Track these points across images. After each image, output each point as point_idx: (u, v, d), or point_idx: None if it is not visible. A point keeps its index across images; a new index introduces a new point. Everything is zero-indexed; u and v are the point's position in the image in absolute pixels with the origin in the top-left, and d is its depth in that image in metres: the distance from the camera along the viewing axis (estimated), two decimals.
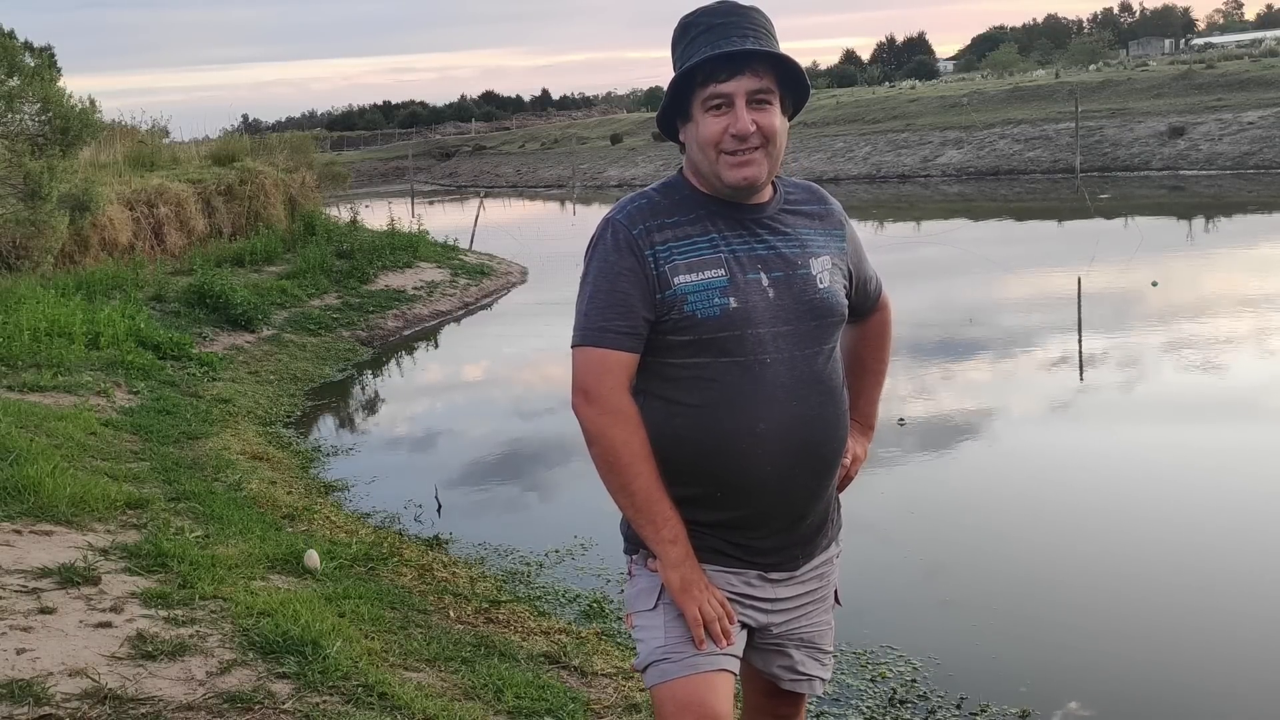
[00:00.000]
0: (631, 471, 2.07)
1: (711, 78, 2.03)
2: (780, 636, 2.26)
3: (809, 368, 2.12)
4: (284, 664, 3.78)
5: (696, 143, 2.08)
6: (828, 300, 2.15)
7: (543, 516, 7.15)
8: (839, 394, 2.19)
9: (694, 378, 2.08)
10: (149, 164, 17.78)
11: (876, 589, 5.33)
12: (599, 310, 2.08)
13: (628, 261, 2.07)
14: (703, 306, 2.04)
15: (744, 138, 2.03)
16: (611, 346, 2.07)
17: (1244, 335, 10.71)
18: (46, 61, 12.17)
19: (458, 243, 19.94)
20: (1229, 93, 33.46)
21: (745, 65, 2.02)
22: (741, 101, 2.02)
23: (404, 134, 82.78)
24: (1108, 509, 6.38)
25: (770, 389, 2.07)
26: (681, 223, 2.10)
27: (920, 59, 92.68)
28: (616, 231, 2.10)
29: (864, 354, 2.42)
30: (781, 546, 2.18)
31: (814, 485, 2.17)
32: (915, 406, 8.88)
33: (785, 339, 2.09)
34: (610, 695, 4.16)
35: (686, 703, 2.06)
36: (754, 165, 2.06)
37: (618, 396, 2.06)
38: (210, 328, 11.98)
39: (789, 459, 2.09)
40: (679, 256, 2.07)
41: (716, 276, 2.06)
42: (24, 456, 5.84)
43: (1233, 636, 4.82)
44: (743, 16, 2.07)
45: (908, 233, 22.37)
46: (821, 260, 2.17)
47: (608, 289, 2.08)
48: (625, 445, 2.06)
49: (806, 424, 2.10)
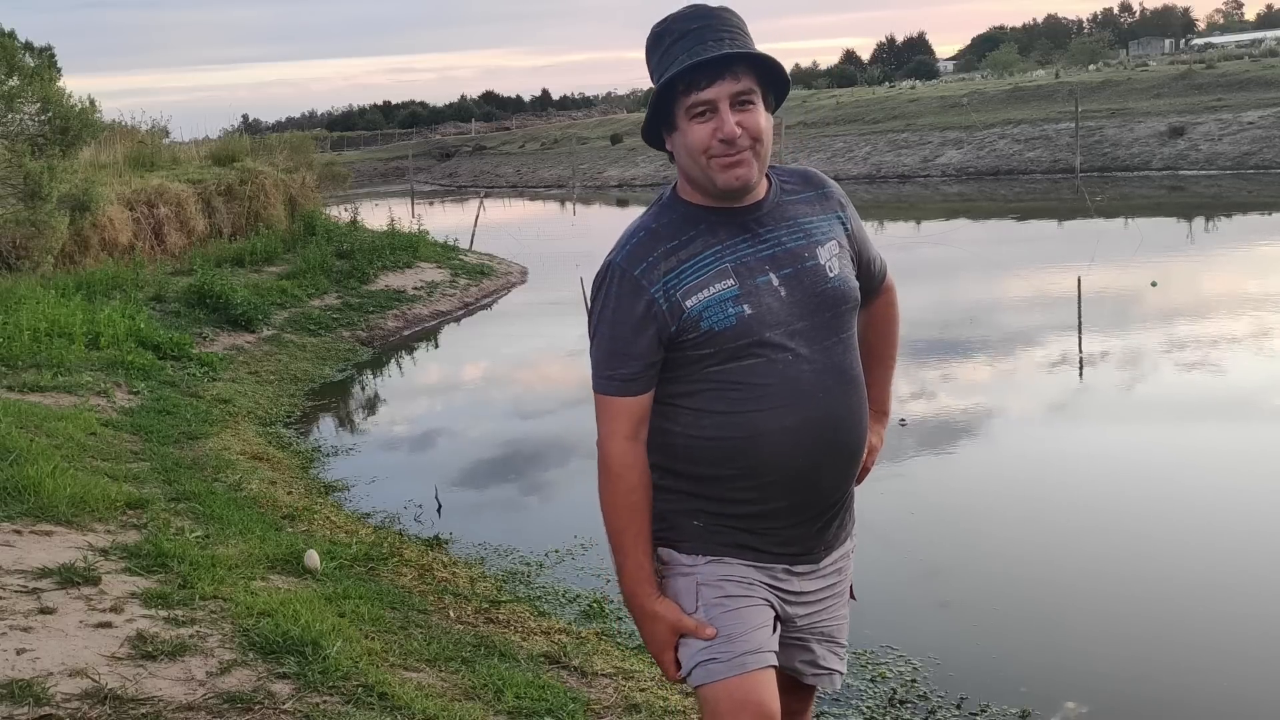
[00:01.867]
0: (607, 515, 2.17)
1: (693, 86, 2.02)
2: (803, 630, 2.28)
3: (829, 360, 2.14)
4: (284, 664, 3.78)
5: (685, 151, 2.08)
6: (840, 289, 2.16)
7: (543, 516, 7.15)
8: (860, 383, 2.21)
9: (719, 384, 2.10)
10: (149, 164, 17.79)
11: (877, 589, 5.31)
12: (606, 358, 2.14)
13: (629, 306, 2.09)
14: (718, 319, 2.06)
15: (731, 141, 2.03)
16: (615, 394, 2.14)
17: (1243, 335, 10.70)
18: (46, 61, 12.19)
19: (458, 243, 19.93)
20: (1229, 93, 33.44)
21: (725, 70, 2.01)
22: (725, 105, 2.02)
23: (404, 134, 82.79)
24: (1107, 509, 6.39)
25: (794, 386, 2.09)
26: (683, 244, 2.11)
27: (920, 59, 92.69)
28: (619, 276, 2.12)
29: (873, 339, 2.42)
30: (807, 537, 2.20)
31: (841, 477, 2.20)
32: (915, 406, 8.88)
33: (803, 335, 2.11)
34: (610, 695, 4.15)
35: (743, 701, 2.08)
36: (745, 166, 2.06)
37: (616, 444, 2.14)
38: (210, 328, 11.98)
39: (817, 452, 2.12)
40: (689, 279, 2.08)
41: (727, 288, 2.07)
42: (24, 456, 5.84)
43: (1233, 636, 4.82)
44: (715, 19, 2.07)
45: (908, 233, 22.37)
46: (828, 247, 2.18)
47: (610, 336, 2.12)
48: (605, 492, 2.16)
49: (832, 416, 2.13)
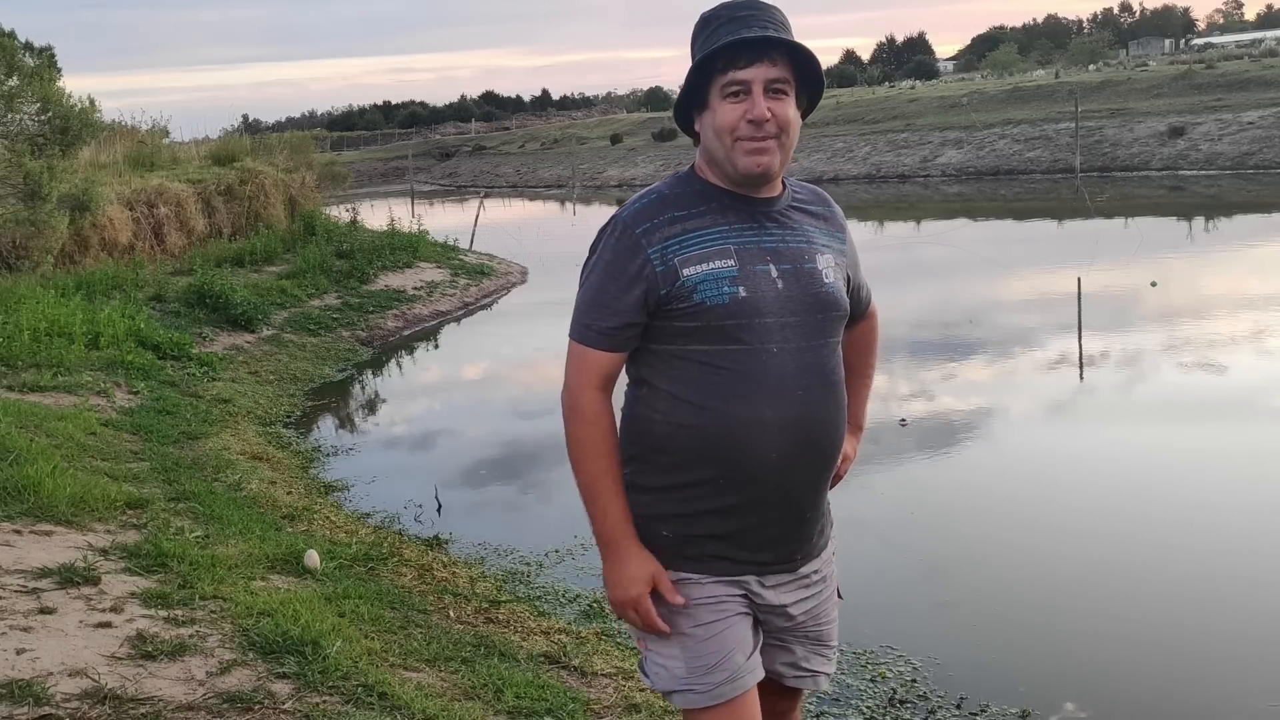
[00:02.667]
0: (579, 466, 2.16)
1: (731, 64, 2.05)
2: (784, 632, 2.27)
3: (814, 359, 2.13)
4: (284, 664, 3.78)
5: (713, 129, 2.10)
6: (833, 294, 2.17)
7: (543, 516, 7.14)
8: (841, 389, 2.20)
9: (700, 365, 2.09)
10: (149, 164, 17.78)
11: (877, 589, 5.33)
12: (587, 307, 2.14)
13: (624, 262, 2.09)
14: (711, 294, 2.06)
15: (760, 124, 2.04)
16: (591, 345, 2.13)
17: (1243, 335, 10.71)
18: (46, 61, 12.19)
19: (458, 243, 19.94)
20: (1229, 93, 33.46)
21: (764, 53, 2.04)
22: (759, 89, 2.04)
23: (404, 134, 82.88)
24: (1107, 509, 6.38)
25: (776, 378, 2.08)
26: (692, 215, 2.11)
27: (920, 59, 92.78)
28: (620, 230, 2.12)
29: (852, 359, 2.43)
30: (780, 541, 2.18)
31: (814, 478, 2.18)
32: (915, 406, 8.88)
33: (792, 330, 2.11)
34: (610, 695, 4.15)
35: None
36: (768, 154, 2.07)
37: (585, 394, 2.13)
38: (210, 328, 11.98)
39: (792, 448, 2.10)
40: (689, 249, 2.08)
41: (726, 266, 2.08)
42: (24, 456, 5.84)
43: (1232, 636, 4.82)
44: (763, 10, 2.10)
45: (908, 233, 22.38)
46: (826, 257, 2.19)
47: (598, 287, 2.12)
48: (578, 441, 2.15)
49: (810, 415, 2.12)
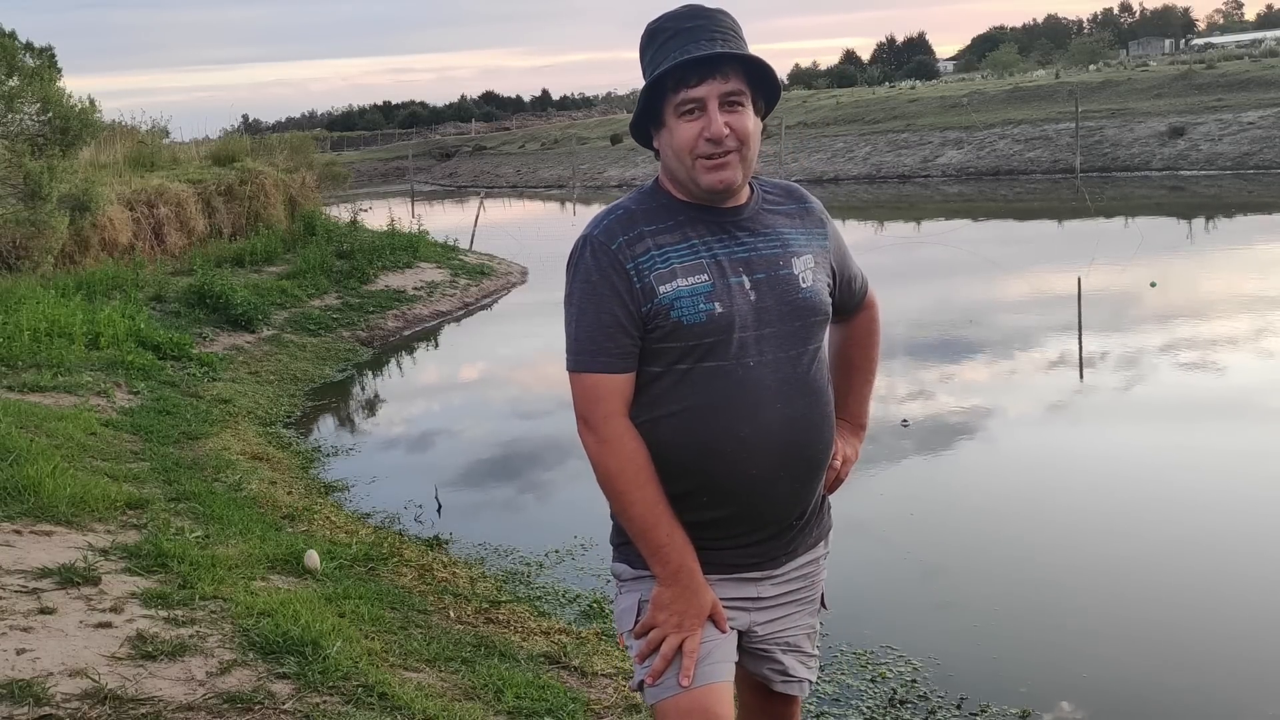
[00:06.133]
0: (628, 498, 2.06)
1: (682, 83, 2.02)
2: (765, 640, 2.25)
3: (793, 370, 2.10)
4: (284, 664, 3.78)
5: (671, 149, 2.07)
6: (811, 300, 2.13)
7: (542, 516, 7.14)
8: (824, 395, 2.17)
9: (678, 383, 2.06)
10: (149, 164, 17.79)
11: (877, 590, 5.33)
12: (588, 334, 2.06)
13: (610, 279, 2.05)
14: (688, 313, 2.03)
15: (718, 141, 2.02)
16: (603, 371, 2.05)
17: (1243, 335, 10.71)
18: (46, 61, 12.20)
19: (458, 243, 19.93)
20: (1229, 93, 33.44)
21: (715, 69, 2.01)
22: (714, 105, 2.01)
23: (404, 134, 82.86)
24: (1107, 510, 6.39)
25: (755, 392, 2.06)
26: (660, 231, 2.08)
27: (920, 59, 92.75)
28: (596, 248, 2.08)
29: (852, 353, 2.41)
30: (765, 548, 2.17)
31: (800, 488, 2.16)
32: (915, 407, 8.88)
33: (769, 341, 2.08)
34: (610, 695, 4.15)
35: (689, 710, 2.07)
36: (729, 168, 2.04)
37: (613, 423, 2.05)
38: (210, 328, 11.98)
39: (775, 462, 2.08)
40: (661, 265, 2.05)
41: (700, 282, 2.04)
42: (24, 456, 5.84)
43: (1232, 636, 4.82)
44: (710, 20, 2.06)
45: (908, 233, 22.38)
46: (804, 259, 2.15)
47: (594, 311, 2.05)
48: (620, 473, 2.05)
49: (792, 427, 2.09)
